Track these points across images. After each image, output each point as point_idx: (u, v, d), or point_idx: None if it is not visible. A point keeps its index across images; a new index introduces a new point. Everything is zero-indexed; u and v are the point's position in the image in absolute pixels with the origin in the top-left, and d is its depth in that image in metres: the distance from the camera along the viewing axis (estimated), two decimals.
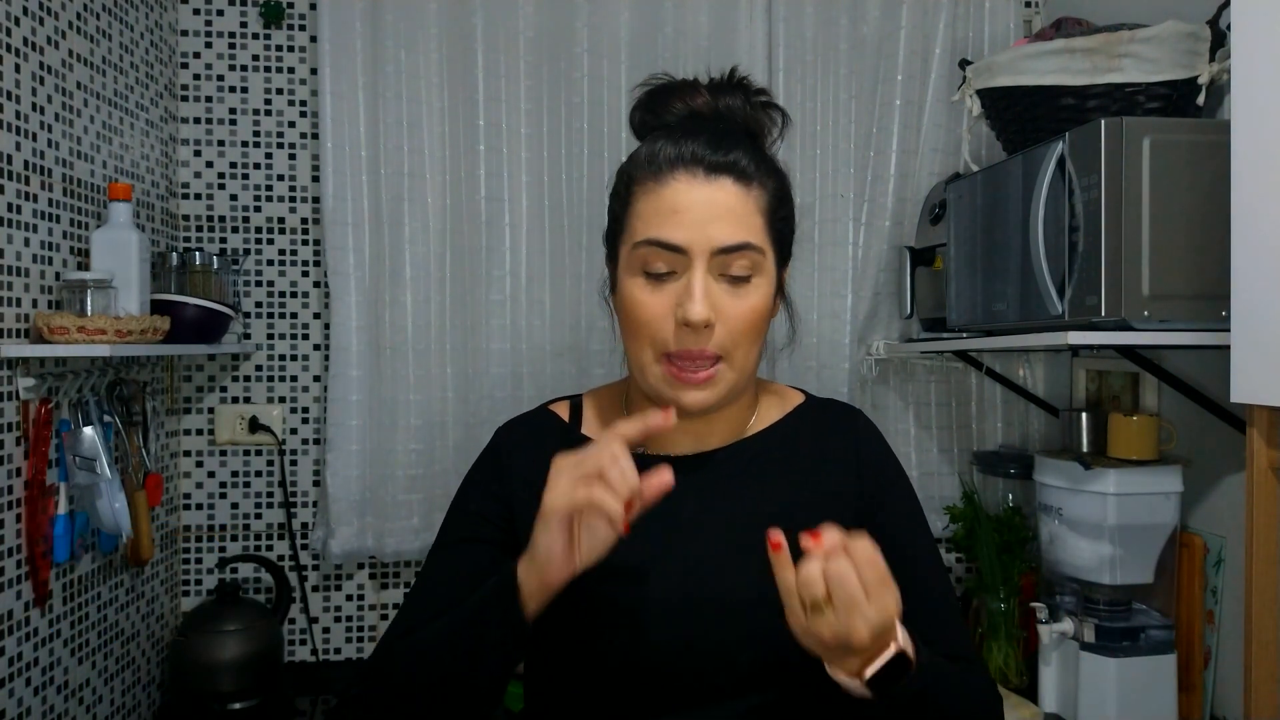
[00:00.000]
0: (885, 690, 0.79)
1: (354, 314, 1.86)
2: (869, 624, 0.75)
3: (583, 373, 1.91)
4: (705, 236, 0.90)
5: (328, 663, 1.98)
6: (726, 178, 0.92)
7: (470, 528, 1.01)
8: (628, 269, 0.94)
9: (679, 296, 0.91)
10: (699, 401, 0.93)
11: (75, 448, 1.41)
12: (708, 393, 0.93)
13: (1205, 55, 1.39)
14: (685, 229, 0.91)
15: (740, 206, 0.92)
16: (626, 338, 0.96)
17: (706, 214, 0.91)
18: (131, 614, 1.71)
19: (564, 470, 0.81)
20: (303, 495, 1.99)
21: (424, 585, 1.00)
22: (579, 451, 0.82)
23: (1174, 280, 1.28)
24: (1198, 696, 1.56)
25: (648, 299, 0.92)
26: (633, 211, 0.95)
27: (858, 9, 1.98)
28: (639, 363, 0.95)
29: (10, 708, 1.30)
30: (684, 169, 0.92)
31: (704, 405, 0.93)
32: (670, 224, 0.91)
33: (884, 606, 0.76)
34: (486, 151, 1.92)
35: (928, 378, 2.05)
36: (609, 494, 0.78)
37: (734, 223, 0.92)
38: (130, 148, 1.70)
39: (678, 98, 0.99)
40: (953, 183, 1.68)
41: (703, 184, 0.92)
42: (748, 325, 0.93)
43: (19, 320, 1.33)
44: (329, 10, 1.85)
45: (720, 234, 0.91)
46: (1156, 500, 1.52)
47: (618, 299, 0.97)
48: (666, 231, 0.91)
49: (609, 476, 0.79)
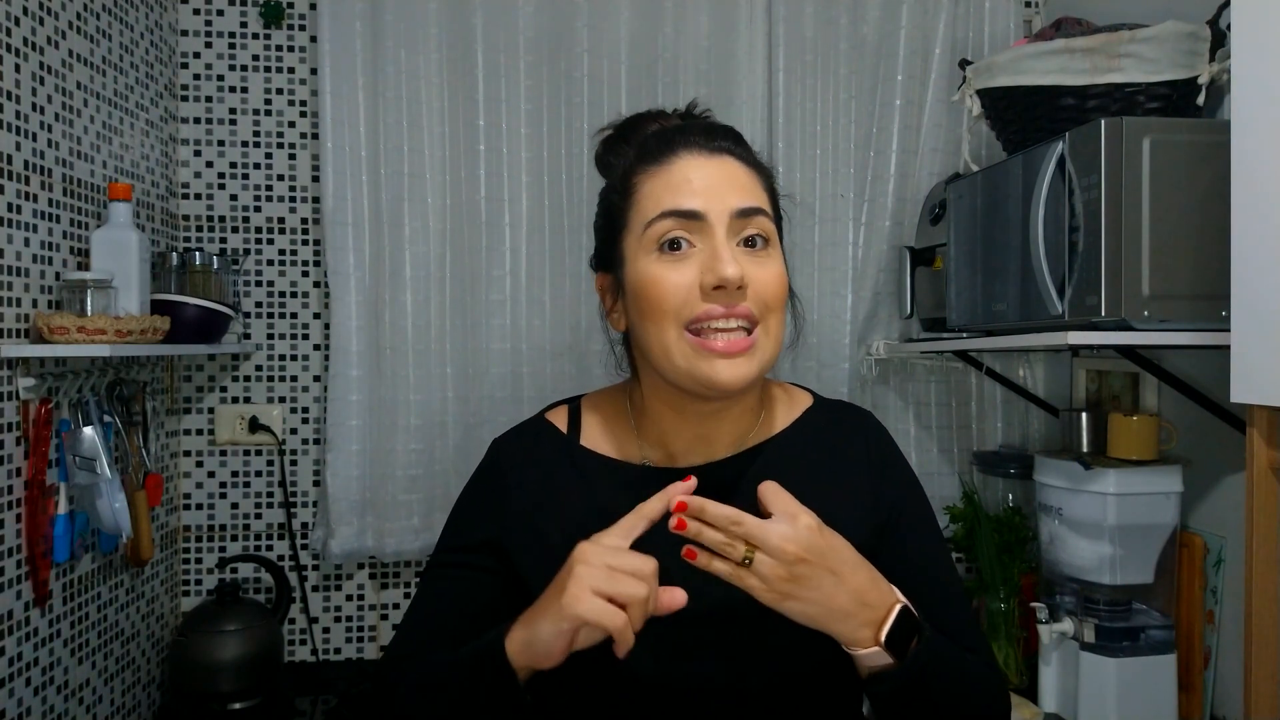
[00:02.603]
0: (905, 649, 0.84)
1: (354, 314, 1.86)
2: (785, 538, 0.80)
3: (583, 373, 1.91)
4: (721, 200, 0.89)
5: (328, 663, 1.98)
6: (728, 156, 0.93)
7: (465, 555, 0.99)
8: (642, 252, 0.91)
9: (704, 264, 0.88)
10: (734, 377, 0.88)
11: (75, 448, 1.41)
12: (743, 367, 0.88)
13: (1205, 55, 1.39)
14: (700, 196, 0.90)
15: (747, 176, 0.93)
16: (647, 325, 0.91)
17: (718, 181, 0.91)
18: (131, 614, 1.71)
19: (593, 566, 0.78)
20: (303, 495, 1.99)
21: (420, 610, 0.99)
22: (607, 542, 0.80)
23: (1174, 280, 1.28)
24: (1198, 696, 1.56)
25: (668, 274, 0.89)
26: (639, 196, 0.93)
27: (858, 9, 1.98)
28: (663, 346, 0.90)
29: (10, 708, 1.30)
30: (685, 148, 0.93)
31: (739, 382, 0.88)
32: (684, 193, 0.90)
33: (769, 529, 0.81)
34: (486, 151, 1.92)
35: (928, 378, 2.05)
36: (637, 623, 0.78)
37: (745, 189, 0.92)
38: (130, 148, 1.70)
39: (651, 120, 1.01)
40: (953, 183, 1.68)
41: (708, 158, 0.92)
42: (775, 292, 0.90)
43: (19, 320, 1.33)
44: (329, 10, 1.85)
45: (735, 198, 0.90)
46: (1156, 500, 1.52)
47: (632, 288, 0.93)
48: (682, 200, 0.90)
49: (635, 597, 0.77)
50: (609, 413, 1.04)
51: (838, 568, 0.83)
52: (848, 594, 0.83)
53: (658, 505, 0.82)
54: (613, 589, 0.77)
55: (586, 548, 0.80)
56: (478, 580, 0.97)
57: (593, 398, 1.07)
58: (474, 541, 0.99)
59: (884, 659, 0.84)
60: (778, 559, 0.80)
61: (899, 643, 0.84)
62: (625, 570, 0.78)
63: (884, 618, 0.84)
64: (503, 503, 0.99)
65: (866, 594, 0.84)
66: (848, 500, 0.97)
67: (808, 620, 0.83)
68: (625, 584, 0.77)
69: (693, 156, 0.92)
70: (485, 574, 0.97)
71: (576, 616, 0.77)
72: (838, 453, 1.01)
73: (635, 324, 0.94)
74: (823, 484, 0.97)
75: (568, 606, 0.77)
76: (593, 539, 0.81)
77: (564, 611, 0.78)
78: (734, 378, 0.88)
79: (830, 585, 0.82)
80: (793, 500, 0.84)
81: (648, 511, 0.82)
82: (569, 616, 0.77)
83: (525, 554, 0.96)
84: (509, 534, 0.97)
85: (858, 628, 0.84)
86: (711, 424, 0.97)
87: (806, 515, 0.83)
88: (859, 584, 0.84)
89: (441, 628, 0.96)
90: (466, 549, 0.99)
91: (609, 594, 0.77)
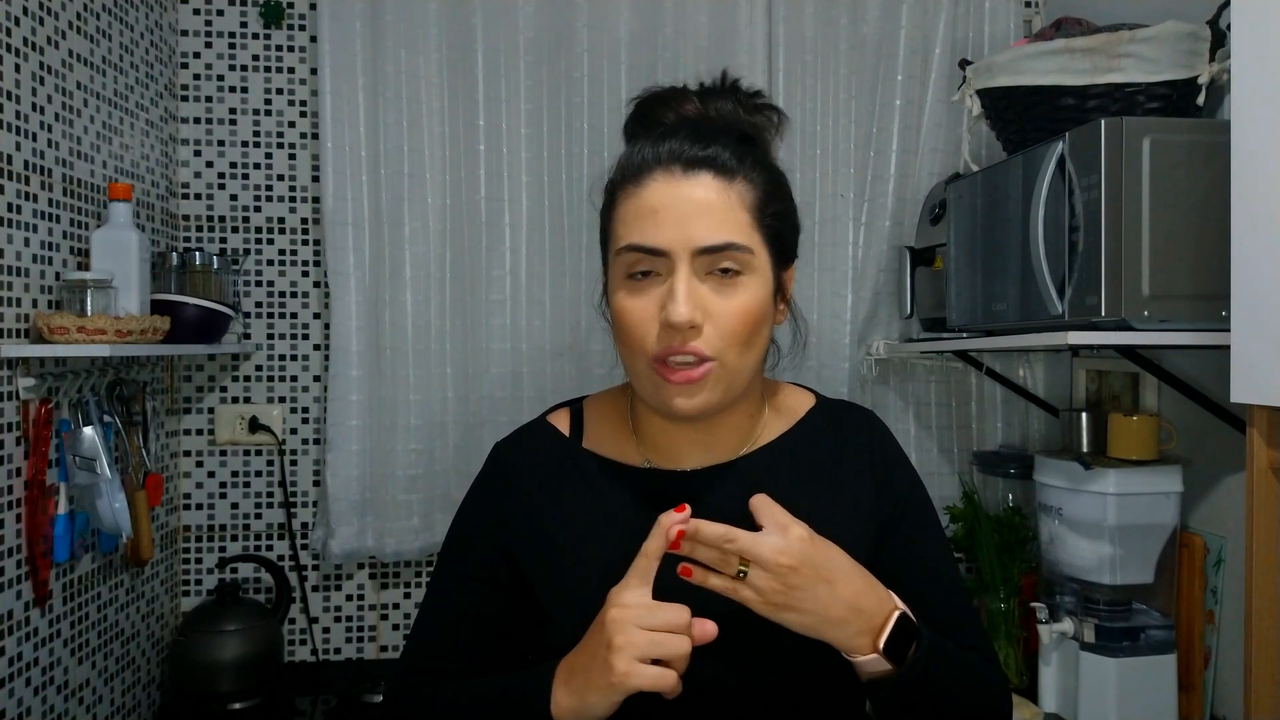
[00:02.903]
0: (903, 657, 0.84)
1: (354, 314, 1.86)
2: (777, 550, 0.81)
3: (583, 373, 1.91)
4: (685, 236, 0.87)
5: (328, 663, 1.98)
6: (705, 173, 0.89)
7: (474, 567, 0.99)
8: (615, 276, 0.92)
9: (663, 299, 0.87)
10: (689, 407, 0.89)
11: (75, 448, 1.41)
12: (698, 398, 0.89)
13: (1205, 55, 1.39)
14: (665, 230, 0.87)
15: (721, 203, 0.89)
16: (619, 346, 0.93)
17: (686, 212, 0.88)
18: (131, 614, 1.71)
19: (632, 633, 0.80)
20: (303, 495, 1.99)
21: (430, 623, 0.99)
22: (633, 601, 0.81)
23: (1174, 280, 1.28)
24: (1198, 696, 1.56)
25: (633, 304, 0.89)
26: (615, 217, 0.93)
27: (858, 9, 1.98)
28: (633, 370, 0.92)
29: (10, 708, 1.30)
30: (660, 168, 0.90)
31: (695, 410, 0.89)
32: (650, 226, 0.88)
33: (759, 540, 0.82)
34: (486, 151, 1.92)
35: (928, 378, 2.05)
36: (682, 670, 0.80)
37: (715, 221, 0.88)
38: (130, 148, 1.70)
39: (667, 106, 0.97)
40: (953, 183, 1.68)
41: (680, 181, 0.89)
42: (737, 325, 0.88)
43: (19, 320, 1.33)
44: (329, 10, 1.85)
45: (701, 233, 0.87)
46: (1156, 500, 1.52)
47: (610, 306, 0.94)
48: (647, 235, 0.88)
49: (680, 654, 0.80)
50: (611, 414, 1.03)
51: (831, 576, 0.83)
52: (843, 602, 0.83)
53: (658, 543, 0.83)
54: (658, 653, 0.79)
55: (618, 616, 0.81)
56: (488, 594, 0.97)
57: (595, 399, 1.07)
58: (482, 553, 0.98)
59: (883, 665, 0.85)
60: (771, 571, 0.81)
61: (898, 649, 0.85)
62: (664, 628, 0.80)
63: (882, 625, 0.85)
64: (508, 507, 0.99)
65: (862, 601, 0.84)
66: (850, 502, 0.97)
67: (805, 630, 0.84)
68: (669, 645, 0.80)
69: (666, 179, 0.89)
70: (495, 587, 0.97)
71: (632, 689, 0.79)
72: (840, 454, 1.00)
73: (614, 339, 0.95)
74: (825, 486, 0.97)
75: (620, 681, 0.79)
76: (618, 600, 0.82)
77: (617, 686, 0.79)
78: (690, 407, 0.89)
79: (825, 594, 0.82)
80: (783, 512, 0.85)
81: (652, 551, 0.82)
82: (623, 689, 0.79)
83: (532, 557, 0.96)
84: (515, 538, 0.97)
85: (854, 635, 0.84)
86: (705, 431, 0.97)
87: (798, 526, 0.84)
88: (854, 591, 0.84)
89: (454, 643, 0.96)
90: (475, 560, 0.99)
91: (655, 657, 0.79)
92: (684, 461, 0.98)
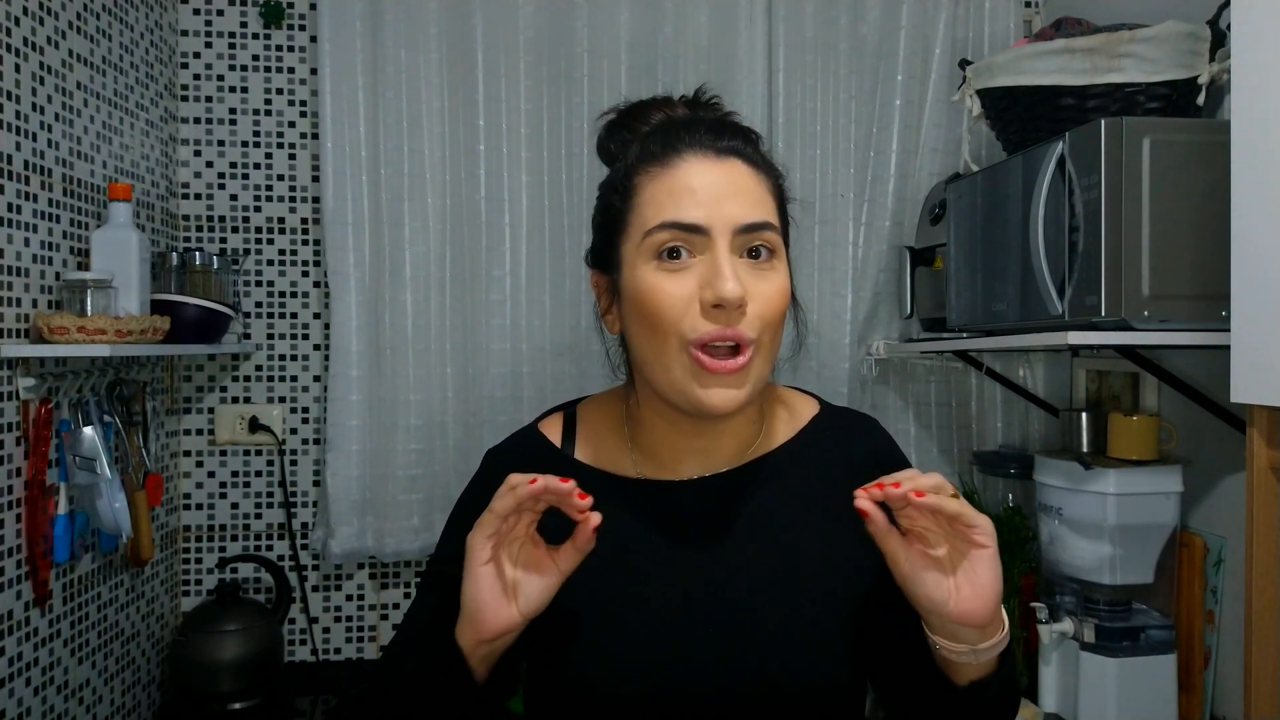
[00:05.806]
0: (994, 664, 0.83)
1: (354, 314, 1.86)
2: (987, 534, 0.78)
3: (583, 373, 1.91)
4: (725, 214, 0.84)
5: (328, 663, 1.98)
6: (736, 159, 0.88)
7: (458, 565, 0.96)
8: (640, 259, 0.87)
9: (704, 278, 0.83)
10: (728, 401, 0.84)
11: (75, 448, 1.41)
12: (738, 390, 0.84)
13: (1205, 55, 1.39)
14: (704, 207, 0.84)
15: (755, 186, 0.88)
16: (643, 335, 0.87)
17: (723, 190, 0.85)
18: (131, 614, 1.71)
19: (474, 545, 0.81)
20: (303, 495, 1.99)
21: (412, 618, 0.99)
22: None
23: (1174, 280, 1.28)
24: (1198, 696, 1.56)
25: (667, 285, 0.84)
26: (640, 200, 0.88)
27: (858, 9, 1.99)
28: (661, 361, 0.86)
29: (10, 708, 1.30)
30: (691, 151, 0.87)
31: (730, 406, 0.85)
32: (687, 203, 0.85)
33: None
34: (486, 151, 1.92)
35: (928, 378, 2.05)
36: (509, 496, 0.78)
37: (752, 200, 0.86)
38: (130, 148, 1.70)
39: (655, 108, 0.96)
40: (953, 183, 1.68)
41: (714, 163, 0.87)
42: (777, 307, 0.86)
43: (19, 320, 1.33)
44: (329, 10, 1.85)
45: (740, 211, 0.85)
46: (1156, 500, 1.52)
47: (628, 296, 0.88)
48: (684, 211, 0.84)
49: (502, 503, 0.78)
50: (605, 421, 1.00)
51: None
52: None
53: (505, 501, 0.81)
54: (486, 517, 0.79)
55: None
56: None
57: (590, 404, 1.04)
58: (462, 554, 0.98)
59: (993, 654, 0.83)
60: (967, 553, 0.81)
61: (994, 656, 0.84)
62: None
63: (992, 631, 0.83)
64: None
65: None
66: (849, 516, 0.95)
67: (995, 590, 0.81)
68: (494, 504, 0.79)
69: (698, 159, 0.87)
70: None
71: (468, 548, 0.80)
72: (842, 464, 0.97)
73: (631, 332, 0.90)
74: (827, 497, 0.94)
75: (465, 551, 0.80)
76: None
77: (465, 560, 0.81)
78: (724, 403, 0.85)
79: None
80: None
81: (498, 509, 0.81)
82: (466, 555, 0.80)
83: None
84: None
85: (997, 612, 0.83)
86: (707, 438, 0.94)
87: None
88: None
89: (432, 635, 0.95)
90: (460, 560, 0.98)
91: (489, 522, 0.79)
92: (679, 471, 0.95)
